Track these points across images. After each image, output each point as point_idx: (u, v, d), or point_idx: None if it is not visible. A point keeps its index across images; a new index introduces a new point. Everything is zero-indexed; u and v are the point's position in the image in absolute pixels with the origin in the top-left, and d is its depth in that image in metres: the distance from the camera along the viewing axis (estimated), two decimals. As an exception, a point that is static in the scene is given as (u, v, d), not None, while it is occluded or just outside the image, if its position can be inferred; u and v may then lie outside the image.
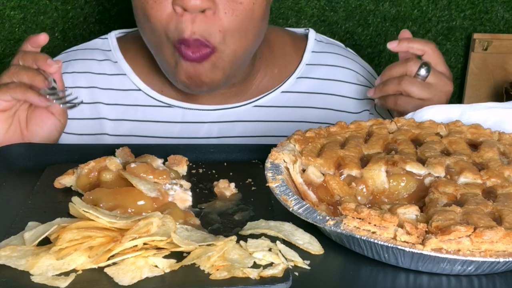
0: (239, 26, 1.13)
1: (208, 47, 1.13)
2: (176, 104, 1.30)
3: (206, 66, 1.15)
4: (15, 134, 1.12)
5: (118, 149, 0.97)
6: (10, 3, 1.76)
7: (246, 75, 1.29)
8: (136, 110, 1.30)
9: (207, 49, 1.13)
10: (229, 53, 1.15)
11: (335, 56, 1.38)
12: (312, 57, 1.36)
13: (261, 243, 0.75)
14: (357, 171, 0.88)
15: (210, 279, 0.69)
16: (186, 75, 1.16)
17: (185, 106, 1.29)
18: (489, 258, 0.70)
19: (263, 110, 1.31)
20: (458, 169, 0.88)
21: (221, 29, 1.12)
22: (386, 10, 1.97)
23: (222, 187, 0.92)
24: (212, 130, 1.29)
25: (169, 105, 1.30)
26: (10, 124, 1.11)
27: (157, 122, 1.30)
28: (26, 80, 1.08)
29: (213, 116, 1.30)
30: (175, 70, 1.17)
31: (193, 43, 1.11)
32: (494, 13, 2.02)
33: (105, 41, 1.36)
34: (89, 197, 0.83)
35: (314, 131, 0.97)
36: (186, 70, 1.15)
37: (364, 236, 0.73)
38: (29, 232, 0.75)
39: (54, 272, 0.69)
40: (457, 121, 1.02)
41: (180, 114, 1.30)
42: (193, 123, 1.29)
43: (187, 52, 1.12)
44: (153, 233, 0.72)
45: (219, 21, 1.11)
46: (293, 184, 0.87)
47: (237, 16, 1.12)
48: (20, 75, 1.09)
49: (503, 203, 0.79)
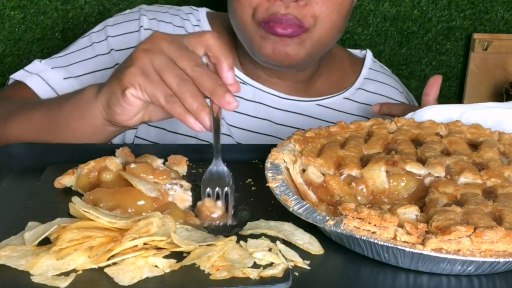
0: (329, 16, 1.24)
1: (301, 27, 1.22)
2: (249, 82, 1.37)
3: (296, 41, 1.23)
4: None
5: (118, 149, 0.97)
6: (10, 3, 1.76)
7: (312, 73, 1.40)
8: None
9: (300, 28, 1.22)
10: (317, 36, 1.25)
11: (385, 75, 1.54)
12: (370, 73, 1.51)
13: (261, 243, 0.75)
14: (357, 171, 0.88)
15: (210, 279, 0.69)
16: (273, 48, 1.23)
17: (257, 86, 1.37)
18: (489, 258, 0.70)
19: (325, 110, 1.41)
20: (458, 169, 0.88)
21: (312, 15, 1.22)
22: (386, 10, 1.97)
23: (208, 206, 0.85)
24: (275, 116, 1.37)
25: (243, 81, 1.37)
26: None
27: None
28: (189, 107, 0.89)
29: (280, 103, 1.38)
30: (260, 44, 1.24)
31: (285, 21, 1.20)
32: (494, 13, 2.01)
33: (196, 12, 1.44)
34: (89, 197, 0.83)
35: (314, 131, 0.97)
36: (273, 43, 1.23)
37: (364, 236, 0.73)
38: (29, 232, 0.75)
39: (54, 272, 0.69)
40: (457, 121, 1.02)
41: (251, 92, 1.37)
42: (261, 104, 1.37)
43: (277, 29, 1.21)
44: (153, 233, 0.72)
45: (311, 9, 1.22)
46: (293, 184, 0.87)
47: (327, 7, 1.23)
48: (183, 94, 0.89)
49: (503, 203, 0.79)
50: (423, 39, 2.03)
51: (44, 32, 1.80)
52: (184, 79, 0.89)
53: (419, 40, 2.02)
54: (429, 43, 2.03)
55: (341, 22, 1.28)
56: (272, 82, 1.38)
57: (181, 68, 0.90)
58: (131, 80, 0.93)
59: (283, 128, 1.36)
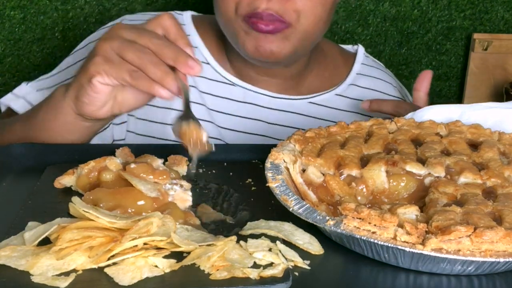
0: (313, 10, 1.22)
1: (283, 23, 1.20)
2: (239, 83, 1.37)
3: (279, 37, 1.22)
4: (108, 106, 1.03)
5: (118, 149, 0.97)
6: (10, 3, 1.76)
7: (302, 69, 1.39)
8: (202, 81, 1.35)
9: (282, 24, 1.20)
10: (302, 30, 1.23)
11: (379, 70, 1.51)
12: (362, 68, 1.48)
13: (261, 243, 0.75)
14: (357, 171, 0.88)
15: (210, 279, 0.69)
16: (256, 45, 1.22)
17: (246, 87, 1.37)
18: (489, 258, 0.70)
19: (317, 107, 1.40)
20: (458, 169, 0.88)
21: (295, 10, 1.20)
22: (386, 10, 1.97)
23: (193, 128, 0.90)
24: (268, 116, 1.37)
25: (232, 83, 1.37)
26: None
27: (218, 97, 1.36)
28: (153, 76, 0.92)
29: (272, 102, 1.37)
30: (244, 39, 1.23)
31: (266, 17, 1.19)
32: (494, 13, 2.02)
33: (180, 16, 1.42)
34: (89, 197, 0.83)
35: (314, 131, 0.97)
36: (256, 40, 1.22)
37: (364, 236, 0.73)
38: (29, 232, 0.75)
39: (54, 272, 0.69)
40: (457, 121, 1.02)
41: (241, 93, 1.36)
42: (252, 105, 1.37)
43: (259, 25, 1.19)
44: (153, 233, 0.72)
45: (294, 4, 1.20)
46: (293, 184, 0.87)
47: (311, 1, 1.21)
48: (145, 66, 0.92)
49: (503, 203, 0.79)
50: (423, 39, 2.03)
51: (44, 32, 1.81)
52: (145, 51, 0.93)
53: (419, 40, 2.03)
54: (429, 43, 2.04)
55: (326, 15, 1.26)
56: (262, 82, 1.37)
57: (142, 45, 0.94)
58: (96, 68, 0.97)
59: (276, 128, 1.36)
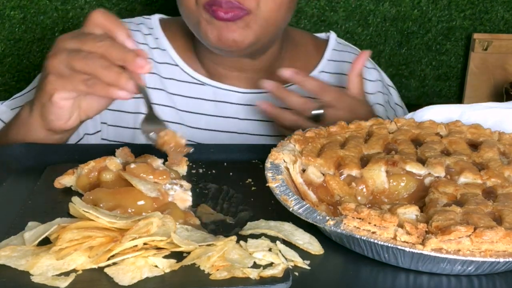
0: None
1: (243, 10, 1.19)
2: (208, 82, 1.37)
3: (240, 25, 1.21)
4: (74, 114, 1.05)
5: (118, 149, 0.97)
6: (10, 3, 1.76)
7: (273, 60, 1.37)
8: (171, 83, 1.37)
9: (241, 11, 1.19)
10: (262, 17, 1.22)
11: (353, 55, 1.47)
12: (333, 54, 1.46)
13: (261, 243, 0.75)
14: (357, 171, 0.88)
15: (210, 279, 0.69)
16: (218, 34, 1.21)
17: (216, 86, 1.37)
18: (489, 258, 0.70)
19: None
20: (458, 169, 0.88)
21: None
22: (386, 10, 1.97)
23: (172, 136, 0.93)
24: (239, 112, 1.37)
25: (202, 83, 1.37)
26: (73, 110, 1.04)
27: (188, 97, 1.37)
28: (107, 80, 0.94)
29: (242, 98, 1.37)
30: (206, 29, 1.22)
31: (226, 4, 1.18)
32: (494, 13, 2.02)
33: (148, 20, 1.43)
34: (89, 197, 0.83)
35: (314, 131, 0.97)
36: (218, 29, 1.21)
37: (364, 236, 0.73)
38: (29, 232, 0.75)
39: (54, 272, 0.69)
40: (457, 121, 1.02)
41: (211, 92, 1.37)
42: (223, 103, 1.37)
43: (219, 13, 1.19)
44: (153, 233, 0.72)
45: None
46: (293, 184, 0.87)
47: None
48: (97, 71, 0.94)
49: (503, 203, 0.79)
50: (423, 39, 2.03)
51: (44, 32, 1.81)
52: (92, 57, 0.94)
53: (419, 40, 2.03)
54: (429, 43, 2.04)
55: (287, 1, 1.24)
56: (233, 78, 1.36)
57: (88, 51, 0.95)
58: (52, 86, 0.99)
59: (250, 123, 1.36)
